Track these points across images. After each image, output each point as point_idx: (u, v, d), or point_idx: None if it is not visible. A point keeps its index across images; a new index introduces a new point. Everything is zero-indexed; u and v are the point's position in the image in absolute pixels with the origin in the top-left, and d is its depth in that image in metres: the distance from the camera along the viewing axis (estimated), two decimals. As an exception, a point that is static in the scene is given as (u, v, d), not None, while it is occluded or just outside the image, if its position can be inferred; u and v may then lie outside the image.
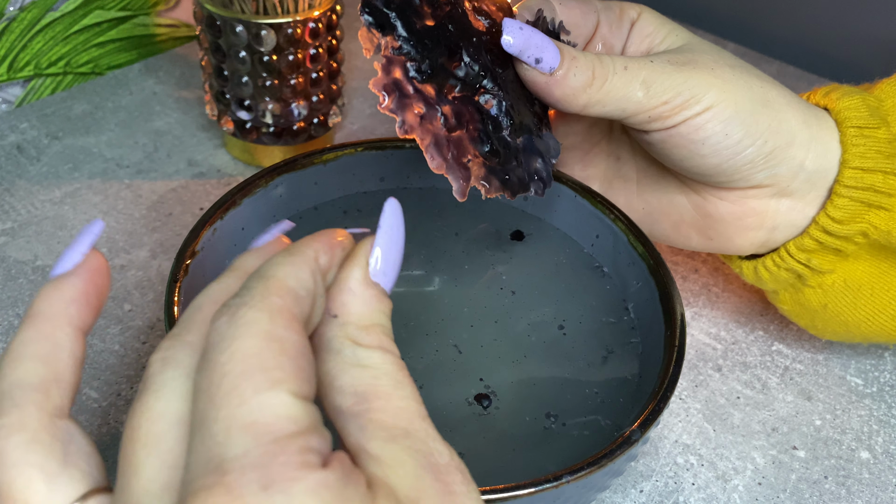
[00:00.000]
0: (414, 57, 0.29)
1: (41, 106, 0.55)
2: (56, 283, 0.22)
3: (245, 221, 0.37)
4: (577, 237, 0.39)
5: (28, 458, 0.19)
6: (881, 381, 0.42)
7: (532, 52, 0.31)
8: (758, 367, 0.42)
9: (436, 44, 0.29)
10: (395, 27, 0.29)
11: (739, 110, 0.33)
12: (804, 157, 0.35)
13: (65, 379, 0.21)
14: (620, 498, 0.35)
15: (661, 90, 0.33)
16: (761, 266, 0.38)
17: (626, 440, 0.28)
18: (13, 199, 0.48)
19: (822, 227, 0.35)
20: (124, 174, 0.50)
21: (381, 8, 0.29)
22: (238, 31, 0.45)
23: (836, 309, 0.38)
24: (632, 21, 0.37)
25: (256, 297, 0.20)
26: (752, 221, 0.37)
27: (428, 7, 0.29)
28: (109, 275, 0.23)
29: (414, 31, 0.29)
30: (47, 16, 0.53)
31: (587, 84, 0.32)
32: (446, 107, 0.30)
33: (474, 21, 0.31)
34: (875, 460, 0.38)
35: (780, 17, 0.68)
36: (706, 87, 0.33)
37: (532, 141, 0.31)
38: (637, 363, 0.34)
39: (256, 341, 0.19)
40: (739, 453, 0.38)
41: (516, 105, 0.31)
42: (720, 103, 0.33)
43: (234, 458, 0.17)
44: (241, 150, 0.51)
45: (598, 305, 0.36)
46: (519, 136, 0.31)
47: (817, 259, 0.36)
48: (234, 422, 0.18)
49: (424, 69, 0.29)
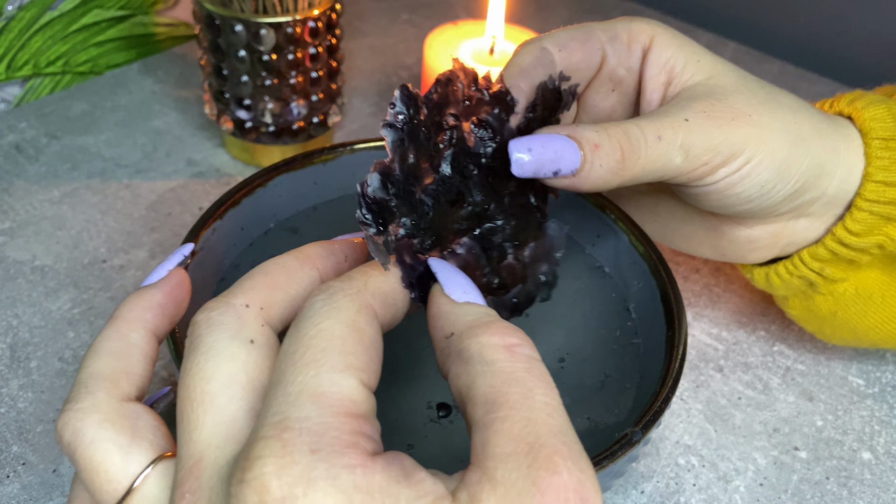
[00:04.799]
0: (418, 234, 0.25)
1: (40, 105, 0.55)
2: (139, 292, 0.26)
3: (244, 221, 0.36)
4: (578, 237, 0.39)
5: (102, 435, 0.22)
6: (883, 381, 0.41)
7: (548, 168, 0.28)
8: (759, 367, 0.42)
9: (437, 203, 0.26)
10: (395, 214, 0.25)
11: (776, 159, 0.32)
12: (828, 185, 0.34)
13: (135, 372, 0.24)
14: (621, 499, 0.35)
15: (701, 152, 0.31)
16: (773, 273, 0.37)
17: (627, 441, 0.28)
18: (12, 198, 0.48)
19: (839, 238, 0.35)
20: (123, 174, 0.50)
21: (378, 196, 0.25)
22: (237, 30, 0.44)
23: (845, 316, 0.37)
24: (643, 49, 0.34)
25: (354, 288, 0.23)
26: (767, 242, 0.36)
27: (425, 160, 0.26)
28: (189, 289, 0.27)
29: (416, 206, 0.25)
30: (46, 15, 0.53)
31: (618, 167, 0.29)
32: (451, 262, 0.27)
33: (474, 142, 0.27)
34: (877, 461, 0.38)
35: (782, 16, 0.68)
36: (745, 141, 0.31)
37: (536, 248, 0.29)
38: (638, 363, 0.34)
39: (342, 327, 0.21)
40: (741, 454, 0.37)
41: (519, 216, 0.28)
42: (758, 156, 0.31)
43: (297, 419, 0.19)
44: (240, 149, 0.51)
45: (600, 307, 0.36)
46: (523, 251, 0.28)
47: (830, 268, 0.36)
48: (306, 388, 0.20)
49: (427, 245, 0.26)
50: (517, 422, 0.20)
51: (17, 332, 0.40)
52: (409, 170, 0.25)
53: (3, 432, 0.36)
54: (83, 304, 0.42)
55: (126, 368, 0.24)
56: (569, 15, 0.71)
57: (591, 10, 0.72)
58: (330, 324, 0.21)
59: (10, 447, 0.35)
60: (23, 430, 0.36)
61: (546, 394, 0.21)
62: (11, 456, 0.35)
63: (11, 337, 0.40)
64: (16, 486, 0.34)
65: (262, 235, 0.38)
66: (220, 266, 0.36)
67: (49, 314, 0.41)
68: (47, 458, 0.35)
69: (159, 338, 0.26)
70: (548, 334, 0.35)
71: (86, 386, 0.23)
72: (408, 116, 0.25)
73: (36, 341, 0.40)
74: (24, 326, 0.40)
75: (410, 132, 0.25)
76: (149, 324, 0.25)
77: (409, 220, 0.25)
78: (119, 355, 0.24)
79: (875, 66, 0.64)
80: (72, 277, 0.43)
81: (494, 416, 0.20)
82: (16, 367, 0.39)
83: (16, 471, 0.34)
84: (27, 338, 0.40)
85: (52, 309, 0.41)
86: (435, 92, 0.26)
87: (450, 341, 0.23)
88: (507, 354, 0.21)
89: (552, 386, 0.21)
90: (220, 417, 0.21)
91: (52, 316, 0.41)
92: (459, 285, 0.25)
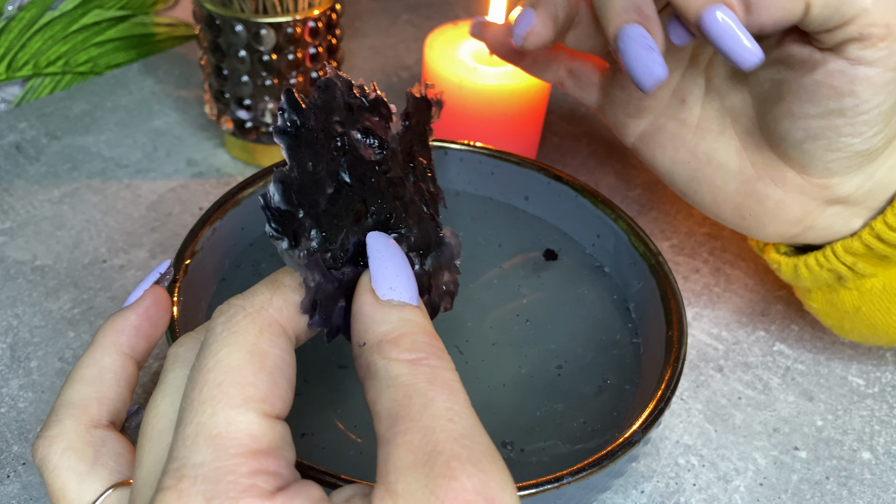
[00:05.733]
0: (329, 248, 0.24)
1: (40, 105, 0.55)
2: (114, 316, 0.26)
3: (245, 221, 0.36)
4: (578, 237, 0.39)
5: (63, 462, 0.23)
6: (883, 381, 0.41)
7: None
8: (759, 367, 0.42)
9: (341, 215, 0.24)
10: (304, 227, 0.23)
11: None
12: (877, 168, 0.33)
13: (107, 396, 0.25)
14: (622, 499, 0.35)
15: None
16: (803, 264, 0.36)
17: (627, 441, 0.28)
18: (12, 198, 0.48)
19: (877, 233, 0.34)
20: (123, 174, 0.50)
21: (284, 208, 0.23)
22: (237, 30, 0.44)
23: (869, 311, 0.37)
24: None
25: (256, 305, 0.22)
26: (794, 216, 0.35)
27: (322, 168, 0.24)
28: (168, 306, 0.27)
29: (322, 217, 0.24)
30: (46, 15, 0.53)
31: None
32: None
33: (365, 150, 0.26)
34: (877, 461, 0.38)
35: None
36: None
37: (438, 256, 0.27)
38: (638, 363, 0.34)
39: (241, 354, 0.20)
40: (741, 454, 0.37)
41: (419, 225, 0.27)
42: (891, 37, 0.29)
43: (193, 466, 0.19)
44: (240, 149, 0.51)
45: (600, 307, 0.36)
46: (426, 260, 0.27)
47: (863, 263, 0.35)
48: (202, 430, 0.19)
49: (341, 259, 0.24)
50: (416, 433, 0.19)
51: (18, 331, 0.40)
52: (309, 177, 0.24)
53: (3, 432, 0.36)
54: (83, 304, 0.42)
55: (97, 394, 0.25)
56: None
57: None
58: (228, 352, 0.20)
59: (10, 447, 0.35)
60: (23, 430, 0.36)
61: (449, 399, 0.20)
62: (11, 456, 0.35)
63: (12, 337, 0.40)
64: (16, 486, 0.34)
65: (262, 235, 0.38)
66: (220, 266, 0.36)
67: (49, 314, 0.41)
68: (47, 457, 0.35)
69: (138, 359, 0.26)
70: (547, 335, 0.35)
71: (56, 414, 0.24)
72: (300, 121, 0.24)
73: (36, 341, 0.40)
74: (25, 326, 0.40)
75: (305, 138, 0.24)
76: (123, 346, 0.26)
77: (320, 233, 0.24)
78: (91, 381, 0.25)
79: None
80: (72, 277, 0.43)
81: (396, 431, 0.20)
82: (16, 366, 0.39)
83: (16, 471, 0.34)
84: (27, 338, 0.40)
85: (53, 309, 0.41)
86: (318, 98, 0.24)
87: (362, 350, 0.22)
88: (409, 368, 0.21)
89: (457, 390, 0.21)
90: (161, 456, 0.21)
91: (53, 316, 0.41)
92: (387, 277, 0.23)
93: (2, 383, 0.38)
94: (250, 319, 0.21)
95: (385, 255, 0.24)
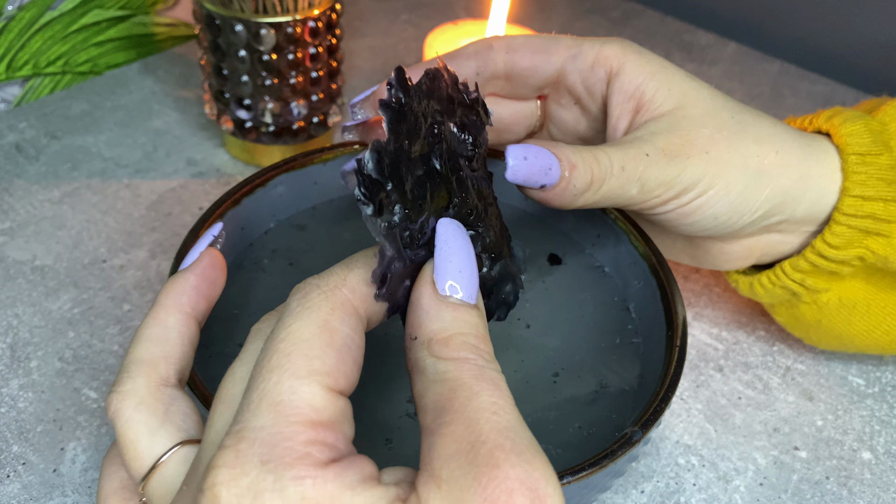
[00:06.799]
0: (408, 226, 0.24)
1: (40, 105, 0.55)
2: (173, 277, 0.27)
3: (244, 221, 0.36)
4: (578, 237, 0.39)
5: (136, 416, 0.24)
6: (883, 381, 0.41)
7: (537, 178, 0.29)
8: (759, 367, 0.42)
9: (425, 198, 0.25)
10: (390, 198, 0.24)
11: (730, 192, 0.33)
12: (795, 209, 0.35)
13: (173, 355, 0.25)
14: (622, 499, 0.35)
15: (654, 186, 0.32)
16: (756, 283, 0.38)
17: (627, 440, 0.28)
18: (12, 198, 0.48)
19: (819, 251, 0.35)
20: (123, 174, 0.50)
21: (375, 177, 0.23)
22: (237, 30, 0.44)
23: (830, 324, 0.38)
24: (608, 73, 0.34)
25: (331, 284, 0.22)
26: (741, 254, 0.37)
27: (416, 149, 0.25)
28: (223, 267, 0.28)
29: (408, 194, 0.24)
30: (46, 15, 0.53)
31: (585, 189, 0.30)
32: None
33: (458, 144, 0.27)
34: (877, 461, 0.38)
35: (782, 16, 0.68)
36: (699, 176, 0.32)
37: (506, 265, 0.27)
38: (638, 363, 0.34)
39: (312, 328, 0.21)
40: (741, 454, 0.37)
41: (495, 229, 0.27)
42: (710, 191, 0.32)
43: (252, 429, 0.20)
44: (240, 149, 0.51)
45: (600, 307, 0.36)
46: (495, 265, 0.27)
47: (812, 279, 0.36)
48: (266, 396, 0.20)
49: (419, 240, 0.24)
50: (461, 424, 0.20)
51: (18, 331, 0.40)
52: (404, 155, 0.24)
53: (3, 432, 0.36)
54: (83, 304, 0.42)
55: (164, 353, 0.25)
56: (569, 15, 0.71)
57: (591, 10, 0.72)
58: (300, 325, 0.21)
59: (10, 447, 0.35)
60: (23, 430, 0.36)
61: (493, 394, 0.21)
62: (11, 456, 0.35)
63: (11, 337, 0.40)
64: (16, 486, 0.34)
65: (263, 235, 0.38)
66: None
67: (49, 314, 0.41)
68: (47, 457, 0.35)
69: (198, 318, 0.27)
70: (547, 335, 0.35)
71: (127, 370, 0.25)
72: (404, 99, 0.24)
73: (36, 341, 0.40)
74: (24, 326, 0.40)
75: (406, 117, 0.25)
76: (185, 307, 0.26)
77: (403, 209, 0.24)
78: (157, 340, 0.25)
79: (875, 67, 0.64)
80: (72, 277, 0.43)
81: (441, 422, 0.20)
82: (16, 366, 0.39)
83: (16, 470, 0.34)
84: (27, 338, 0.40)
85: (52, 309, 0.41)
86: (425, 84, 0.25)
87: (413, 344, 0.23)
88: (456, 365, 0.22)
89: (502, 387, 0.21)
90: (228, 419, 0.22)
91: (52, 316, 0.41)
92: (449, 272, 0.23)
93: (2, 383, 0.38)
94: (324, 297, 0.22)
95: (452, 248, 0.24)
